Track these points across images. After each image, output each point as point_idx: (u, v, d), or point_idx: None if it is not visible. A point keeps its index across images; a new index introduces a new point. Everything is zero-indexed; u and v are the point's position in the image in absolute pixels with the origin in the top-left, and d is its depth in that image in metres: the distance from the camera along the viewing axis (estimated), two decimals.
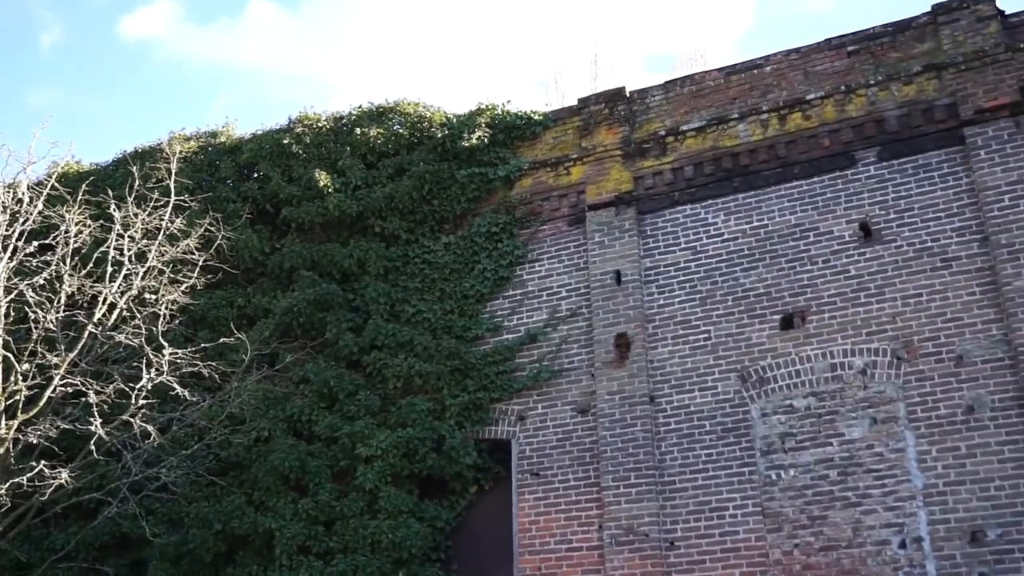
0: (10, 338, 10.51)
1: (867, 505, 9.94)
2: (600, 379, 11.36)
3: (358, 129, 13.34)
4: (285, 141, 13.52)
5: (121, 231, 11.35)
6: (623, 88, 12.74)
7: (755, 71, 12.14)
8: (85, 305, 11.16)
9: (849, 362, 10.49)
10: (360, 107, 13.75)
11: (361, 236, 12.98)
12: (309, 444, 11.95)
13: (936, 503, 9.69)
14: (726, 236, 11.53)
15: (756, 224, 11.43)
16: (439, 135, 12.95)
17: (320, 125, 13.63)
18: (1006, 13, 11.15)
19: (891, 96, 11.22)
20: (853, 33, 11.79)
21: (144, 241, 11.48)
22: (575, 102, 13.12)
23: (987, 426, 9.76)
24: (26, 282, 10.53)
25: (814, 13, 34.23)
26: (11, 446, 10.16)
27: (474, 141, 12.79)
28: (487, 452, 11.82)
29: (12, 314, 10.78)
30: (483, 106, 13.20)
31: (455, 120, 13.11)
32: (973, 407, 9.86)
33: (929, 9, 11.42)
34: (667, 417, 11.05)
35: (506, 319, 12.26)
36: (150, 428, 10.42)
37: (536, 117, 13.04)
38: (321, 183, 12.93)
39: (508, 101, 13.24)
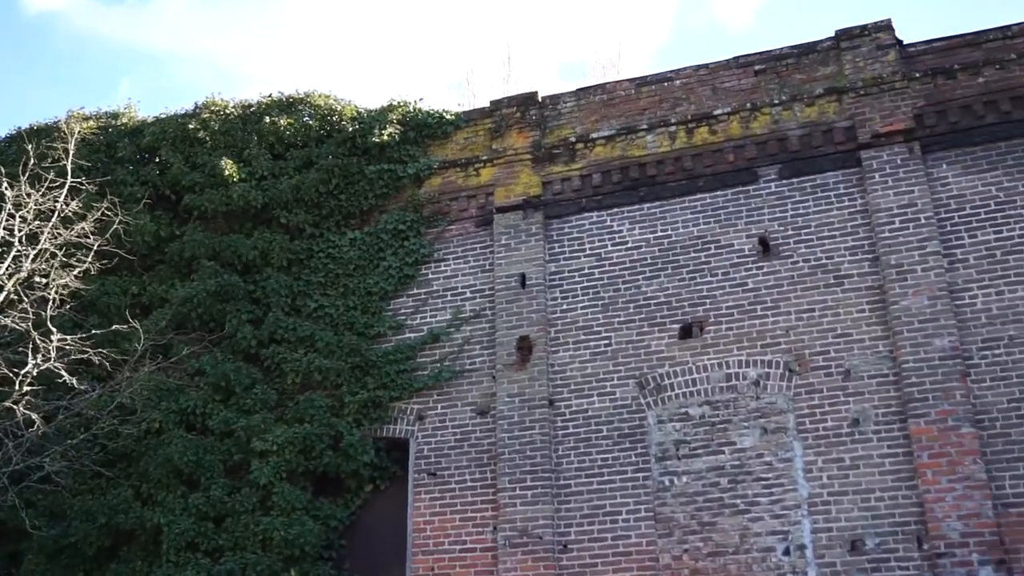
0: None
1: (755, 512, 10.21)
2: (501, 381, 11.41)
3: (267, 118, 13.13)
4: (190, 126, 13.22)
5: (12, 211, 10.93)
6: (536, 93, 12.82)
7: (665, 84, 12.36)
8: None
9: (744, 373, 10.76)
10: (270, 96, 13.53)
11: (265, 227, 12.76)
12: (202, 438, 11.69)
13: (820, 512, 10.02)
14: (630, 244, 11.71)
15: (660, 234, 11.64)
16: (349, 129, 12.83)
17: (227, 112, 13.36)
18: (904, 42, 11.59)
19: (794, 116, 11.56)
20: (760, 53, 12.11)
21: (36, 223, 11.07)
22: (487, 104, 13.15)
23: (870, 439, 10.13)
24: None
25: (730, 34, 35.03)
26: None
27: (385, 137, 12.71)
28: (385, 451, 11.76)
29: None
30: (395, 102, 13.13)
31: (366, 115, 13.00)
32: (858, 420, 10.22)
33: (833, 35, 11.80)
34: (565, 421, 11.16)
35: (409, 318, 12.21)
36: (34, 416, 10.07)
37: (448, 117, 13.03)
38: (226, 171, 12.68)
39: (420, 99, 13.22)
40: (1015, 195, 10.59)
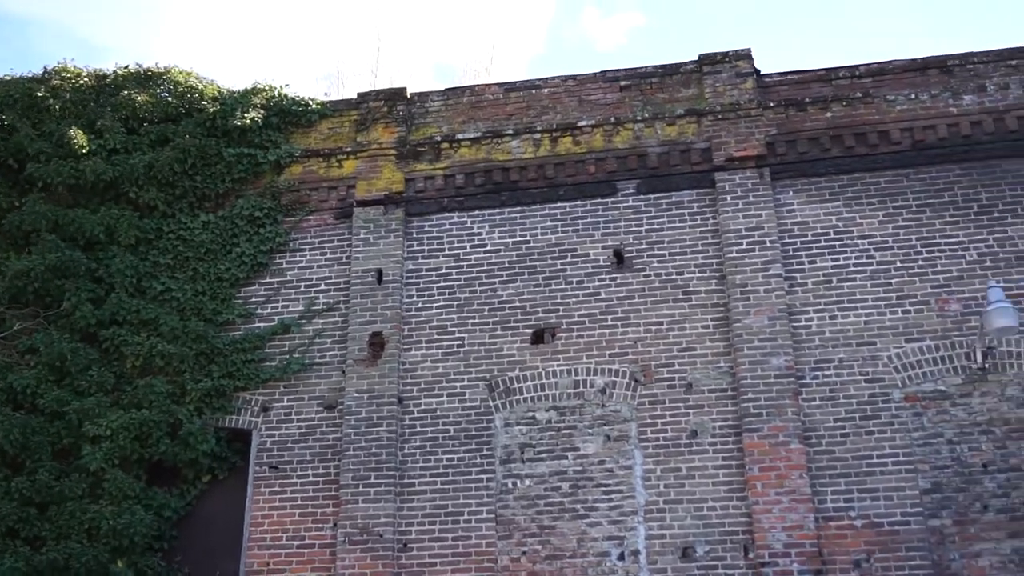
0: None
1: (593, 518, 10.44)
2: (350, 376, 11.30)
3: (124, 91, 12.61)
4: (39, 93, 12.57)
5: None
6: (404, 89, 12.76)
7: (533, 91, 12.51)
8: None
9: (591, 380, 10.99)
10: (127, 68, 13.01)
11: (113, 203, 12.24)
12: (30, 417, 11.12)
13: (655, 519, 10.33)
14: (489, 247, 11.79)
15: (519, 239, 11.77)
16: (210, 109, 12.46)
17: (80, 81, 12.77)
18: (761, 72, 12.10)
19: (655, 133, 11.89)
20: (627, 69, 12.41)
21: None
22: (355, 96, 13.01)
23: (707, 450, 10.51)
24: None
25: (601, 51, 35.71)
26: None
27: (247, 121, 12.40)
28: (226, 441, 11.46)
29: None
30: (260, 86, 12.83)
31: (228, 96, 12.66)
32: (696, 432, 10.59)
33: (696, 58, 12.20)
34: (413, 420, 11.15)
35: (260, 307, 11.95)
36: None
37: (313, 105, 12.82)
38: (76, 142, 12.11)
39: (286, 85, 12.95)
40: (852, 226, 11.19)
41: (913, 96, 11.53)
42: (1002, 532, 9.82)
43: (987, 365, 10.37)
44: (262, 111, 12.61)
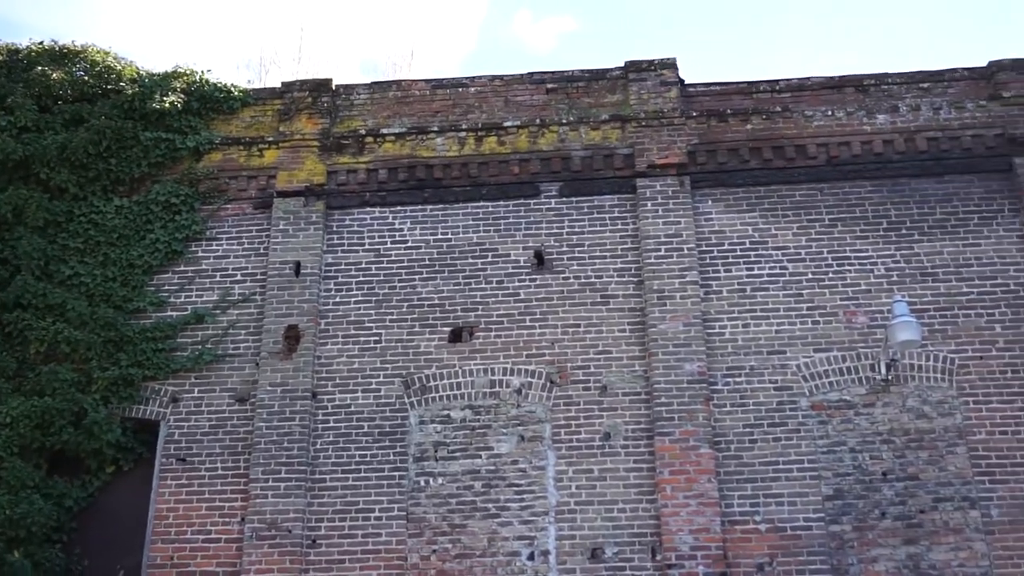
0: None
1: (504, 517, 10.48)
2: (264, 369, 11.13)
3: (37, 68, 12.21)
4: None
5: None
6: (330, 80, 12.62)
7: (460, 89, 12.50)
8: None
9: (507, 380, 11.02)
10: (41, 44, 12.60)
11: (22, 184, 11.85)
12: None
13: (565, 520, 10.41)
14: (410, 244, 11.74)
15: (440, 237, 11.74)
16: (128, 91, 12.15)
17: None
18: (685, 82, 12.29)
19: (579, 137, 11.98)
20: (554, 72, 12.49)
21: None
22: (279, 85, 12.82)
23: (619, 452, 10.64)
24: None
25: (531, 54, 35.82)
26: None
27: (166, 104, 12.12)
28: (132, 431, 11.19)
29: None
30: (181, 70, 12.55)
31: (148, 79, 12.36)
32: (609, 434, 10.71)
33: (623, 65, 12.33)
34: (327, 415, 11.04)
35: (173, 295, 11.69)
36: None
37: (236, 92, 12.60)
38: None
39: (208, 70, 12.70)
40: (767, 236, 11.45)
41: (830, 113, 11.85)
42: (898, 539, 10.15)
43: (890, 377, 10.71)
44: (182, 95, 12.34)
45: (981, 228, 11.34)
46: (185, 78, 12.48)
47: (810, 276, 11.26)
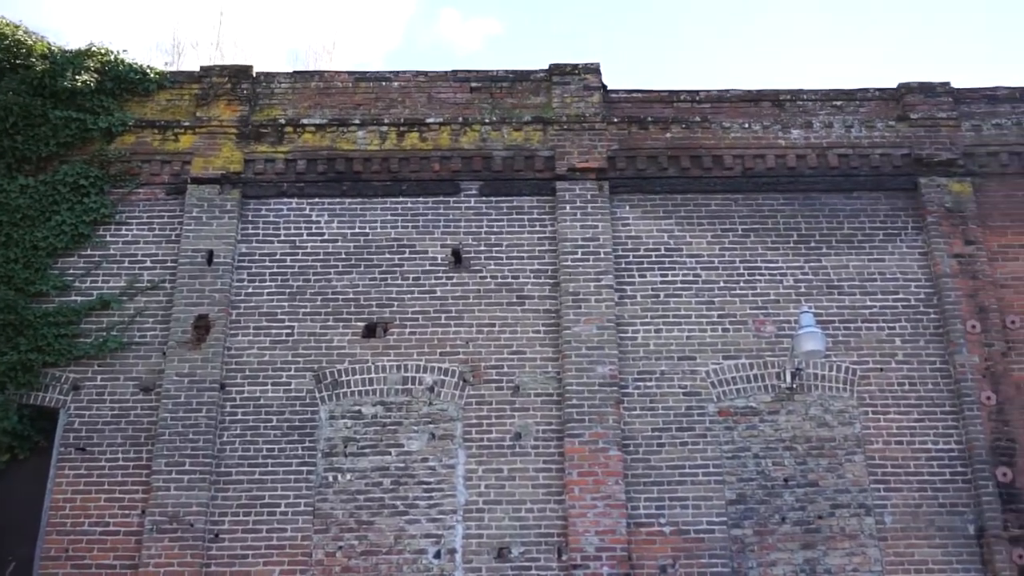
0: None
1: (412, 515, 10.44)
2: (171, 359, 10.88)
3: None
4: None
5: None
6: (251, 67, 12.40)
7: (384, 83, 12.41)
8: None
9: (420, 378, 10.99)
10: None
11: None
12: None
13: (473, 519, 10.42)
14: (327, 237, 11.61)
15: (358, 231, 11.64)
16: (38, 67, 11.74)
17: None
18: (608, 88, 12.41)
19: (501, 137, 12.01)
20: (478, 71, 12.49)
21: None
22: (198, 69, 12.54)
23: (529, 453, 10.69)
24: None
25: (458, 55, 35.72)
26: None
27: (78, 83, 11.75)
28: (29, 419, 10.81)
29: None
30: (95, 49, 12.17)
31: (60, 55, 11.96)
32: (520, 434, 10.76)
33: (547, 68, 12.40)
34: (235, 407, 10.84)
35: (78, 280, 11.34)
36: None
37: (152, 74, 12.28)
38: None
39: (124, 50, 12.34)
40: (682, 244, 11.64)
41: (747, 125, 12.10)
42: (796, 543, 10.43)
43: (794, 385, 10.99)
44: (95, 75, 11.97)
45: (886, 244, 11.71)
46: (99, 57, 12.12)
47: (722, 284, 11.48)
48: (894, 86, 12.46)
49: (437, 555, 10.29)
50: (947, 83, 12.37)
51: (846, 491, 10.62)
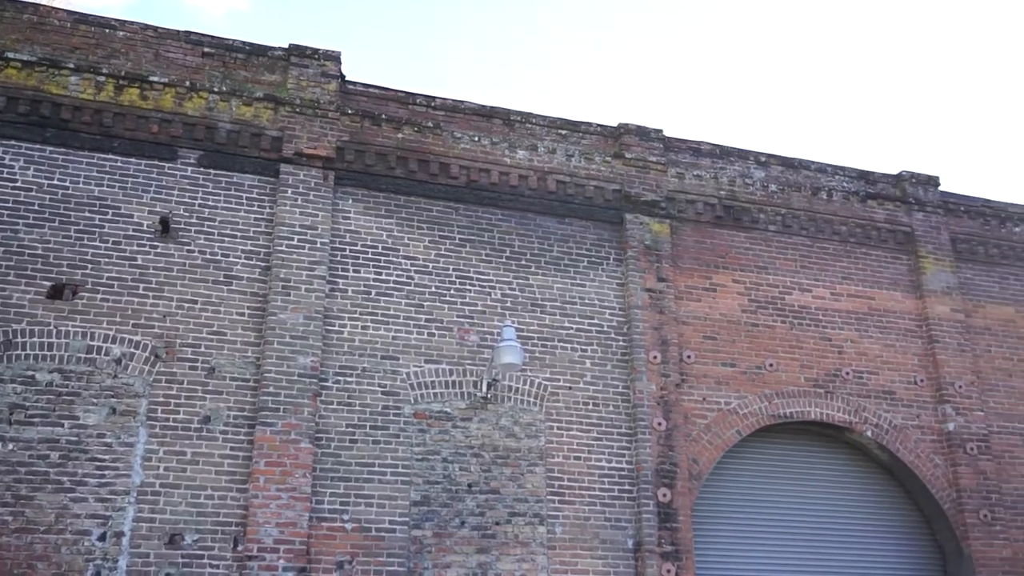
0: None
1: (80, 493, 9.75)
2: None
3: None
4: None
5: None
6: None
7: (107, 30, 11.57)
8: None
9: (108, 348, 10.31)
10: None
11: None
12: None
13: (148, 502, 9.90)
14: (20, 184, 10.63)
15: (57, 183, 10.75)
16: None
17: None
18: (347, 78, 12.29)
19: (229, 109, 11.54)
20: (214, 37, 11.95)
21: None
22: None
23: (216, 438, 10.31)
24: None
25: (198, 21, 33.86)
26: None
27: None
28: None
29: None
30: None
31: None
32: (210, 418, 10.36)
33: (287, 47, 12.09)
34: None
35: None
36: None
37: None
38: None
39: None
40: (399, 245, 11.73)
41: (476, 139, 12.41)
42: (472, 547, 10.78)
43: (489, 395, 11.38)
44: None
45: (589, 271, 12.42)
46: None
47: (433, 289, 11.68)
48: (614, 124, 13.26)
49: (102, 537, 9.67)
50: (660, 130, 13.33)
51: (524, 500, 11.12)
